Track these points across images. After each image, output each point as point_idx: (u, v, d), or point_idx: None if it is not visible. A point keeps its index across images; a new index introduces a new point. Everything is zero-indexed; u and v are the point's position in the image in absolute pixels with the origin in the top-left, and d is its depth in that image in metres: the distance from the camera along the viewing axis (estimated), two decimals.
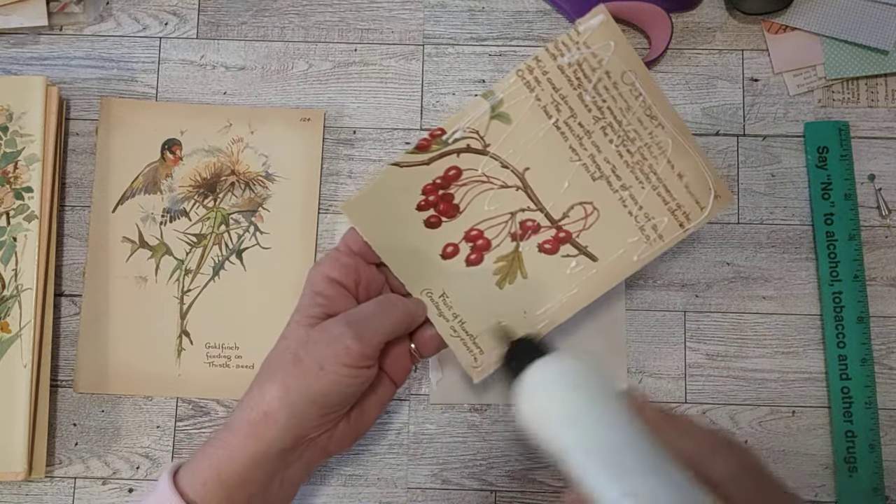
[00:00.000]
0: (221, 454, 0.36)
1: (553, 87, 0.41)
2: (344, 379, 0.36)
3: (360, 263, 0.40)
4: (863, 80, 0.51)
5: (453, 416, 0.49)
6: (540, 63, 0.40)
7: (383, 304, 0.39)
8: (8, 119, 0.48)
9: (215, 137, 0.51)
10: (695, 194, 0.42)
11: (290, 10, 0.52)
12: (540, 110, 0.41)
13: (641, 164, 0.41)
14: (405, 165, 0.40)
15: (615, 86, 0.41)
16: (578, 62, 0.41)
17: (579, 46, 0.40)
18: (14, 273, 0.47)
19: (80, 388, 0.49)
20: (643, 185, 0.42)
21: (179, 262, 0.50)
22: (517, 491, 0.48)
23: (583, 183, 0.42)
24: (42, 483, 0.48)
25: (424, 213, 0.41)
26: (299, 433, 0.36)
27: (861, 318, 0.48)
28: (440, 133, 0.40)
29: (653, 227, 0.42)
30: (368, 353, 0.37)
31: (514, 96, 0.41)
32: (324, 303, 0.38)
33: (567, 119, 0.41)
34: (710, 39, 0.52)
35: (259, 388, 0.36)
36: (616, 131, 0.41)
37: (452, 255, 0.42)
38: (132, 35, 0.52)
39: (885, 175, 0.50)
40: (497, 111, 0.41)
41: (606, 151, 0.41)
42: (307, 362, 0.36)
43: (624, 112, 0.41)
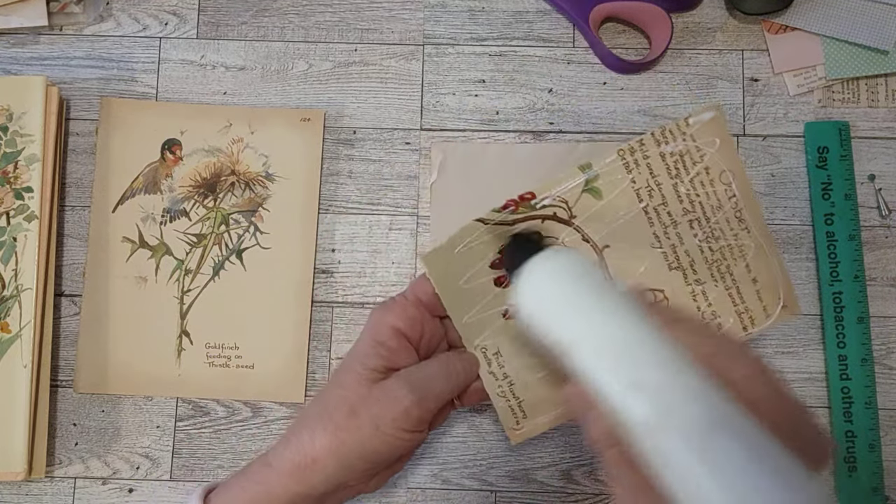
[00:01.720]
0: (260, 490, 0.35)
1: (651, 172, 0.41)
2: (397, 441, 0.36)
3: (425, 315, 0.39)
4: (863, 80, 0.51)
5: (453, 416, 0.49)
6: (643, 146, 0.40)
7: (446, 367, 0.38)
8: (8, 119, 0.48)
9: (215, 137, 0.51)
10: (764, 301, 0.41)
11: (290, 10, 0.52)
12: (633, 192, 0.41)
13: (720, 263, 0.41)
14: (490, 223, 0.40)
15: (711, 183, 0.41)
16: (681, 153, 0.40)
17: (685, 138, 0.40)
18: (14, 273, 0.47)
19: (80, 388, 0.49)
20: (717, 284, 0.41)
21: (179, 262, 0.50)
22: (517, 491, 0.48)
23: (659, 270, 0.41)
24: (42, 483, 0.48)
25: (496, 271, 0.40)
26: (342, 483, 0.36)
27: (861, 318, 0.48)
28: (530, 197, 0.40)
29: (717, 325, 0.41)
30: (426, 417, 0.36)
31: (611, 174, 0.40)
32: (386, 354, 0.37)
33: (657, 206, 0.41)
34: (710, 39, 0.52)
35: (310, 432, 0.36)
36: (703, 227, 0.41)
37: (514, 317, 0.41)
38: (132, 35, 0.52)
39: (885, 175, 0.50)
40: (590, 185, 0.40)
41: (689, 244, 0.41)
42: (364, 419, 0.35)
43: (714, 210, 0.41)
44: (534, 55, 0.52)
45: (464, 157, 0.51)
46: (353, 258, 0.50)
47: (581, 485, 0.48)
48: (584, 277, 0.31)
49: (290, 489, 0.35)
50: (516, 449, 0.48)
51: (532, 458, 0.48)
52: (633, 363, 0.28)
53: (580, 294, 0.31)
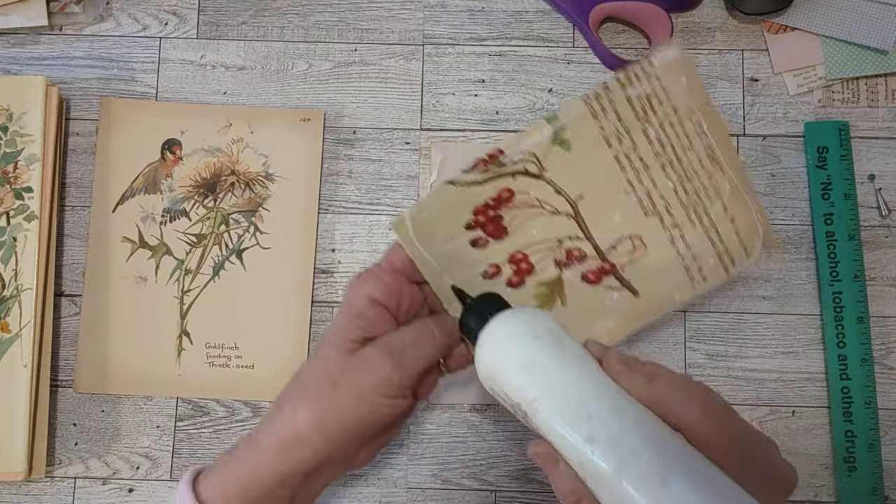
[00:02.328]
0: (247, 469, 0.35)
1: (618, 117, 0.40)
2: (381, 409, 0.35)
3: (402, 282, 0.38)
4: (863, 80, 0.51)
5: (453, 416, 0.49)
6: (608, 91, 0.40)
7: (424, 331, 0.38)
8: (8, 119, 0.48)
9: (215, 137, 0.51)
10: (744, 240, 0.41)
11: (290, 10, 0.52)
12: (602, 140, 0.40)
13: (696, 204, 0.41)
14: (460, 184, 0.39)
15: (681, 123, 0.40)
16: (647, 95, 0.40)
17: (650, 79, 0.39)
18: (14, 273, 0.47)
19: (80, 388, 0.49)
20: (695, 226, 0.41)
21: (179, 262, 0.50)
22: (517, 491, 0.48)
23: (635, 217, 0.41)
24: (42, 483, 0.48)
25: (472, 232, 0.40)
26: (329, 456, 0.36)
27: (861, 318, 0.48)
28: (499, 154, 0.39)
29: (698, 268, 0.41)
30: (407, 383, 0.36)
31: (578, 123, 0.40)
32: (365, 326, 0.37)
33: (628, 151, 0.40)
34: (710, 39, 0.52)
35: (292, 407, 0.35)
36: (675, 169, 0.40)
37: (494, 276, 0.41)
38: (132, 35, 0.52)
39: (885, 175, 0.50)
40: (559, 137, 0.40)
41: (663, 188, 0.41)
42: (345, 390, 0.35)
43: (686, 150, 0.40)
44: (534, 55, 0.52)
45: (464, 157, 0.50)
46: (353, 258, 0.50)
47: None
48: (539, 337, 0.32)
49: (276, 467, 0.35)
50: (516, 449, 0.48)
51: None
52: (588, 417, 0.29)
53: (534, 354, 0.32)
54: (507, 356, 0.32)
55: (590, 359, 0.32)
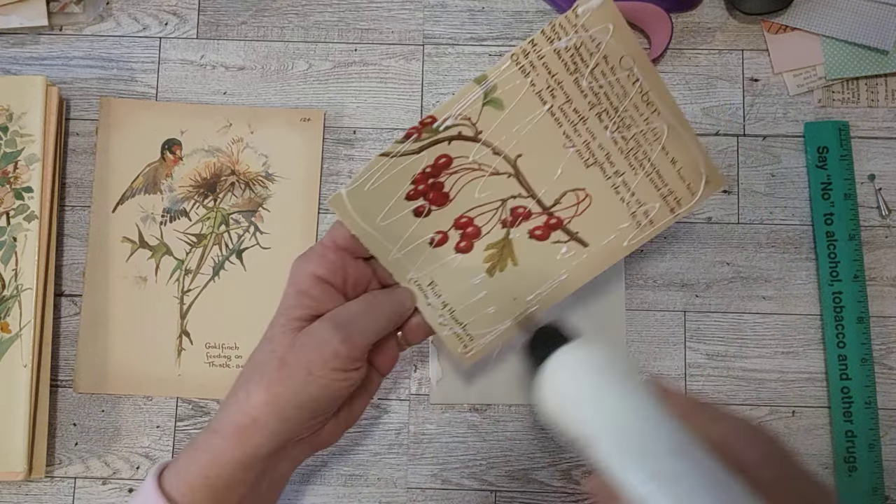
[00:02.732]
0: (208, 458, 0.35)
1: (549, 71, 0.39)
2: (333, 383, 0.35)
3: (346, 259, 0.38)
4: (863, 80, 0.51)
5: (453, 416, 0.49)
6: (535, 47, 0.39)
7: (371, 302, 0.38)
8: (8, 119, 0.48)
9: (215, 137, 0.51)
10: (687, 180, 0.41)
11: (290, 10, 0.52)
12: (534, 96, 0.40)
13: (636, 150, 0.41)
14: (394, 155, 0.39)
15: (612, 70, 0.40)
16: (576, 46, 0.39)
17: (577, 29, 0.38)
18: (14, 273, 0.47)
19: (80, 388, 0.49)
20: (636, 172, 0.41)
21: (179, 262, 0.50)
22: (517, 491, 0.48)
23: (576, 169, 0.41)
24: (42, 483, 0.48)
25: (413, 202, 0.40)
26: (288, 437, 0.36)
27: (861, 318, 0.48)
28: (431, 121, 0.39)
29: (644, 212, 0.42)
30: (357, 355, 0.36)
31: (508, 81, 0.39)
32: (310, 303, 0.37)
33: (562, 105, 0.40)
34: (710, 39, 0.52)
35: (245, 391, 0.35)
36: (612, 117, 0.40)
37: (442, 244, 0.41)
38: (132, 35, 0.52)
39: (885, 175, 0.50)
40: (490, 97, 0.39)
41: (601, 138, 0.41)
42: (294, 367, 0.35)
43: (620, 98, 0.40)
44: None
45: None
46: None
47: (581, 485, 0.48)
48: (603, 372, 0.32)
49: (236, 452, 0.35)
50: (516, 449, 0.48)
51: (532, 458, 0.48)
52: (651, 455, 0.29)
53: (600, 389, 0.32)
54: (570, 390, 0.33)
55: (652, 396, 0.32)
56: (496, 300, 0.42)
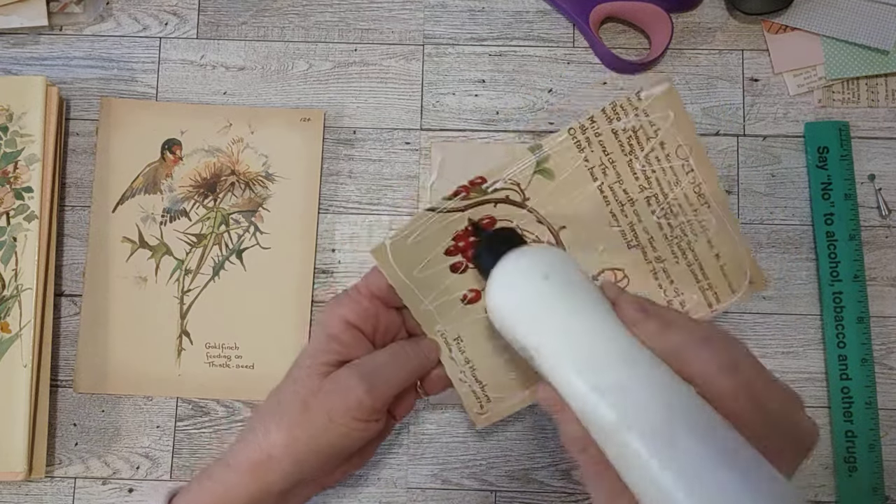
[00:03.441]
0: (221, 490, 0.35)
1: (604, 150, 0.40)
2: (352, 432, 0.35)
3: (379, 307, 0.38)
4: (863, 80, 0.51)
5: (453, 416, 0.49)
6: (594, 124, 0.39)
7: (398, 354, 0.38)
8: (8, 119, 0.48)
9: (215, 137, 0.51)
10: (729, 277, 0.41)
11: (290, 10, 0.52)
12: (586, 171, 0.40)
13: (680, 239, 0.40)
14: (440, 211, 0.39)
15: (668, 158, 0.40)
16: (634, 129, 0.39)
17: (637, 113, 0.39)
18: (14, 273, 0.47)
19: (80, 388, 0.49)
20: (678, 261, 0.40)
21: (179, 262, 0.50)
22: (517, 491, 0.48)
23: (617, 249, 0.41)
24: (42, 483, 0.48)
25: (452, 258, 0.40)
26: (300, 478, 0.36)
27: (861, 318, 0.48)
28: (480, 182, 0.39)
29: (681, 302, 0.41)
30: (379, 406, 0.36)
31: (562, 154, 0.39)
32: (339, 349, 0.37)
33: (612, 184, 0.40)
34: (710, 39, 0.52)
35: (264, 428, 0.36)
36: (660, 203, 0.40)
37: (474, 301, 0.41)
38: (132, 35, 0.52)
39: (885, 175, 0.50)
40: (542, 166, 0.40)
41: (647, 221, 0.40)
42: (316, 412, 0.35)
43: (672, 185, 0.40)
44: (534, 55, 0.52)
45: (464, 158, 0.51)
46: (353, 258, 0.50)
47: (581, 485, 0.48)
48: (553, 276, 0.31)
49: (249, 487, 0.35)
50: (516, 449, 0.48)
51: (532, 458, 0.48)
52: (597, 365, 0.28)
53: (548, 295, 0.30)
54: (516, 297, 0.31)
55: (603, 303, 0.30)
56: (519, 366, 0.41)
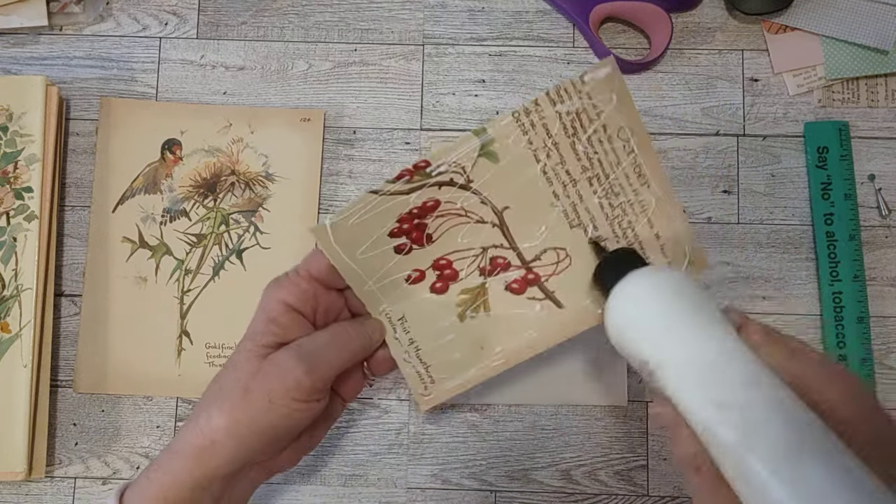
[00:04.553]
0: (167, 479, 0.35)
1: (547, 132, 0.40)
2: (293, 413, 0.35)
3: (318, 289, 0.38)
4: (863, 80, 0.51)
5: (453, 416, 0.49)
6: (538, 108, 0.39)
7: (338, 333, 0.38)
8: (8, 119, 0.48)
9: (215, 137, 0.51)
10: (669, 256, 0.41)
11: (290, 10, 0.52)
12: (530, 154, 0.40)
13: (621, 218, 0.41)
14: (384, 194, 0.39)
15: (609, 139, 0.40)
16: (577, 111, 0.39)
17: (581, 96, 0.39)
18: (14, 273, 0.47)
19: (80, 388, 0.49)
20: (619, 240, 0.41)
21: (179, 262, 0.50)
22: (517, 491, 0.48)
23: (560, 229, 0.41)
24: (42, 483, 0.48)
25: (396, 239, 0.40)
26: (245, 460, 0.36)
27: (861, 318, 0.48)
28: (424, 165, 0.39)
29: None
30: (320, 386, 0.36)
31: (507, 136, 0.40)
32: (278, 331, 0.37)
33: (555, 165, 0.40)
34: (710, 39, 0.52)
35: (206, 414, 0.36)
36: (602, 184, 0.40)
37: (418, 281, 0.41)
38: (132, 35, 0.52)
39: (885, 175, 0.50)
40: (486, 149, 0.40)
41: (588, 202, 0.41)
42: (256, 395, 0.35)
43: (613, 166, 0.40)
44: (534, 55, 0.52)
45: None
46: None
47: (581, 485, 0.48)
48: (677, 296, 0.31)
49: (195, 473, 0.35)
50: (516, 449, 0.48)
51: (532, 458, 0.48)
52: (721, 383, 0.28)
53: (671, 313, 0.31)
54: (642, 313, 0.31)
55: (728, 325, 0.30)
56: (463, 346, 0.41)
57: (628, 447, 0.48)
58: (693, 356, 0.29)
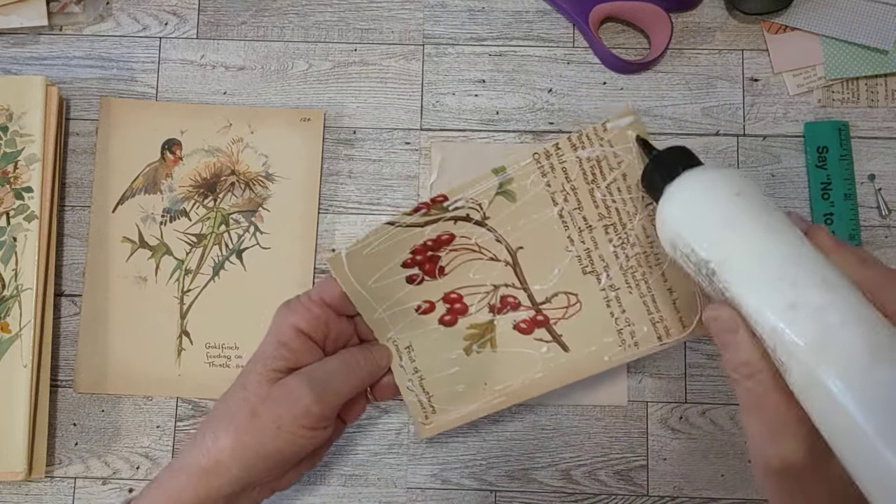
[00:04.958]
0: (170, 495, 0.35)
1: (566, 176, 0.40)
2: (300, 439, 0.36)
3: (330, 316, 0.39)
4: (863, 80, 0.51)
5: None
6: (559, 151, 0.40)
7: (348, 362, 0.38)
8: (8, 119, 0.48)
9: (215, 137, 0.51)
10: (681, 311, 0.41)
11: (290, 10, 0.52)
12: (547, 196, 0.40)
13: (635, 270, 0.41)
14: (400, 225, 0.39)
15: (629, 189, 0.40)
16: (598, 158, 0.39)
17: (602, 143, 0.39)
18: (14, 273, 0.47)
19: (80, 388, 0.49)
20: (631, 291, 0.41)
21: (179, 262, 0.50)
22: (517, 491, 0.48)
23: (572, 274, 0.41)
24: (42, 483, 0.48)
25: (408, 269, 0.41)
26: (248, 482, 0.36)
27: None
28: (442, 199, 0.39)
29: (631, 332, 0.41)
30: (328, 414, 0.36)
31: (525, 177, 0.40)
32: (289, 356, 0.37)
33: (572, 210, 0.40)
34: (710, 39, 0.52)
35: (213, 434, 0.36)
36: (618, 233, 0.40)
37: (427, 312, 0.41)
38: (132, 35, 0.52)
39: (885, 175, 0.50)
40: (504, 188, 0.40)
41: (603, 249, 0.41)
42: (264, 419, 0.35)
43: (631, 216, 0.40)
44: (534, 55, 0.52)
45: (464, 157, 0.51)
46: None
47: (581, 485, 0.48)
48: (741, 195, 0.29)
49: (198, 492, 0.35)
50: (516, 449, 0.48)
51: (532, 458, 0.48)
52: (793, 283, 0.26)
53: (736, 210, 0.29)
54: (704, 209, 0.30)
55: (796, 227, 0.29)
56: (467, 380, 0.42)
57: (628, 447, 0.48)
58: (762, 253, 0.28)
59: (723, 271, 0.28)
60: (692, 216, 0.30)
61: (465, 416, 0.42)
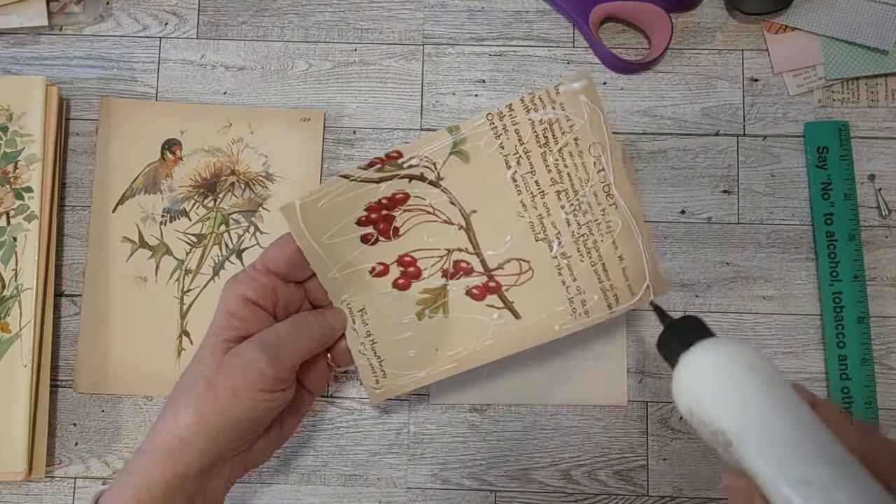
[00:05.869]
0: (140, 480, 0.35)
1: (519, 139, 0.40)
2: (259, 404, 0.36)
3: (277, 282, 0.39)
4: (863, 80, 0.51)
5: (453, 416, 0.49)
6: (512, 112, 0.39)
7: (299, 324, 0.38)
8: (8, 119, 0.48)
9: (215, 137, 0.51)
10: (630, 279, 0.41)
11: (290, 10, 0.52)
12: (501, 158, 0.40)
13: (586, 237, 0.41)
14: (354, 179, 0.39)
15: (580, 154, 0.40)
16: (550, 121, 0.39)
17: (555, 106, 0.39)
18: (14, 273, 0.47)
19: (80, 388, 0.49)
20: (582, 259, 0.41)
21: (179, 262, 0.50)
22: (517, 491, 0.48)
23: (525, 240, 0.41)
24: (42, 483, 0.48)
25: (363, 228, 0.40)
26: (216, 456, 0.36)
27: (861, 318, 0.48)
28: (397, 156, 0.39)
29: (581, 301, 0.41)
30: (283, 376, 0.36)
31: (479, 138, 0.40)
32: (239, 325, 0.37)
33: (525, 174, 0.40)
34: (710, 39, 0.52)
35: (173, 412, 0.36)
36: (570, 199, 0.40)
37: (381, 275, 0.41)
38: (132, 35, 0.52)
39: (885, 175, 0.50)
40: (458, 148, 0.40)
41: (555, 216, 0.41)
42: (221, 389, 0.35)
43: (583, 182, 0.40)
44: (534, 55, 0.52)
45: None
46: None
47: (581, 485, 0.48)
48: (753, 370, 0.31)
49: (167, 472, 0.35)
50: (516, 449, 0.48)
51: (532, 458, 0.48)
52: (804, 459, 0.28)
53: (751, 386, 0.31)
54: (718, 383, 0.32)
55: (804, 402, 0.31)
56: (419, 345, 0.42)
57: (628, 447, 0.48)
58: (775, 430, 0.29)
59: (740, 443, 0.30)
60: (709, 387, 0.32)
61: (416, 381, 0.42)
